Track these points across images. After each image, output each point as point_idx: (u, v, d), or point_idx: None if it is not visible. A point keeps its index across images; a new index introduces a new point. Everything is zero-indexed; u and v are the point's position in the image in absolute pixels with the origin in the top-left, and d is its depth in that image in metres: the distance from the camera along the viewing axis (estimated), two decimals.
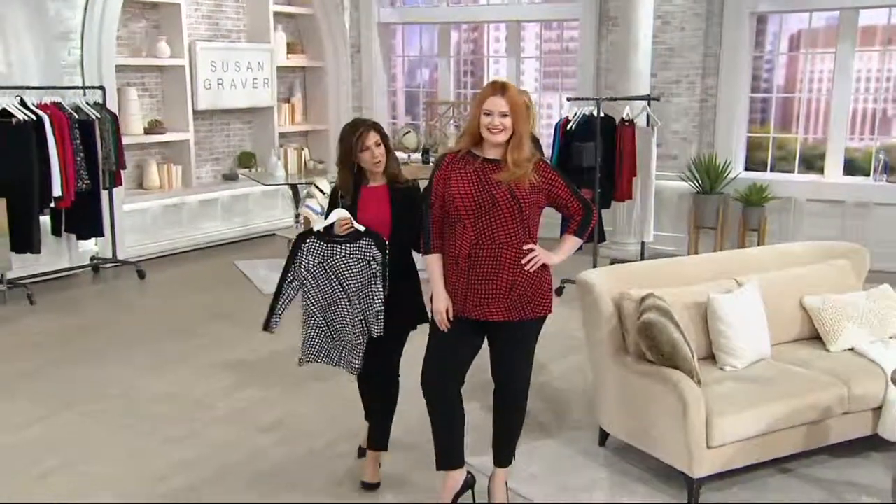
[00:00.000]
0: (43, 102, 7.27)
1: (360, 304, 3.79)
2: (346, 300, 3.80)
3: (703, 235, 8.83)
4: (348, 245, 3.77)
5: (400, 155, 9.74)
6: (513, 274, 3.47)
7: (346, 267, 3.78)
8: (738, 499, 3.93)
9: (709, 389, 3.86)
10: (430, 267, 3.65)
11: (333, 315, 3.86)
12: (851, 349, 4.41)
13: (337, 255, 3.80)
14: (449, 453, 3.75)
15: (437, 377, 3.65)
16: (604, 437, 4.45)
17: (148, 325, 6.71)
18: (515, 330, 3.57)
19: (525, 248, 3.48)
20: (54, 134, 7.14)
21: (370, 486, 4.01)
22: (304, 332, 3.96)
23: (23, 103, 7.12)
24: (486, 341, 3.68)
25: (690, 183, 8.87)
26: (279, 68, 10.13)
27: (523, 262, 3.47)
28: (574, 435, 4.61)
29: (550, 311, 3.64)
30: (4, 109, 7.04)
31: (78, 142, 7.37)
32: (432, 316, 3.65)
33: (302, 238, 3.89)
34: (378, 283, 3.75)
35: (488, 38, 10.93)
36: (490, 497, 3.81)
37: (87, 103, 7.61)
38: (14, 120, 7.01)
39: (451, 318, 3.56)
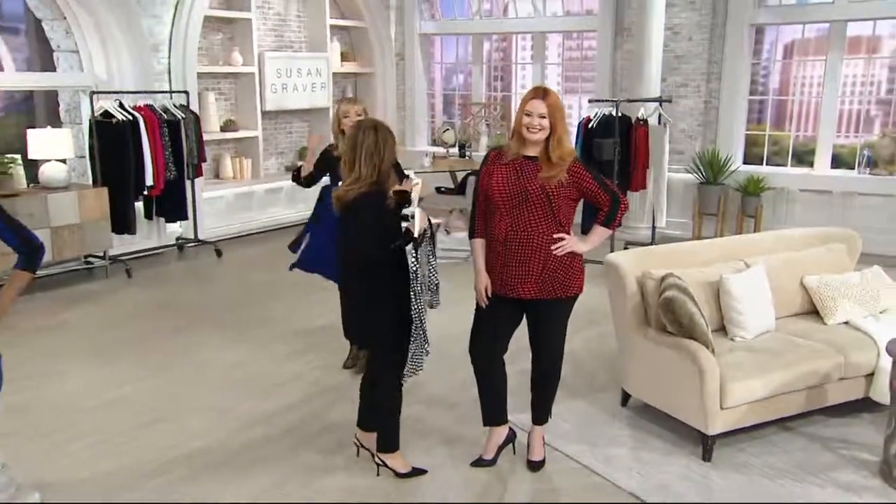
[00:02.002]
0: (138, 105, 7.39)
1: (427, 287, 3.64)
2: (421, 290, 3.57)
3: (705, 221, 8.81)
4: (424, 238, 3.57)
5: (439, 149, 9.87)
6: (544, 258, 3.48)
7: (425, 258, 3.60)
8: (746, 453, 3.96)
9: (722, 358, 3.89)
10: (473, 250, 3.68)
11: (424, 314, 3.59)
12: (846, 323, 4.42)
13: (426, 249, 3.60)
14: (493, 411, 3.82)
15: (482, 346, 3.71)
16: (626, 398, 4.50)
17: (224, 296, 6.82)
18: (549, 307, 3.59)
19: (556, 236, 3.48)
20: (147, 132, 7.26)
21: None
22: (414, 344, 3.56)
23: (121, 106, 7.23)
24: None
25: (695, 175, 8.84)
26: (334, 74, 10.17)
27: (553, 248, 3.48)
28: (599, 397, 4.65)
29: (581, 291, 3.65)
30: (106, 111, 7.17)
31: (166, 139, 7.49)
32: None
33: (415, 247, 3.47)
34: (434, 260, 3.67)
35: (516, 47, 10.89)
36: (529, 450, 3.87)
37: (174, 105, 7.72)
38: (114, 120, 7.14)
39: (490, 296, 3.59)
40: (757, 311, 4.24)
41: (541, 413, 3.85)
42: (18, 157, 6.98)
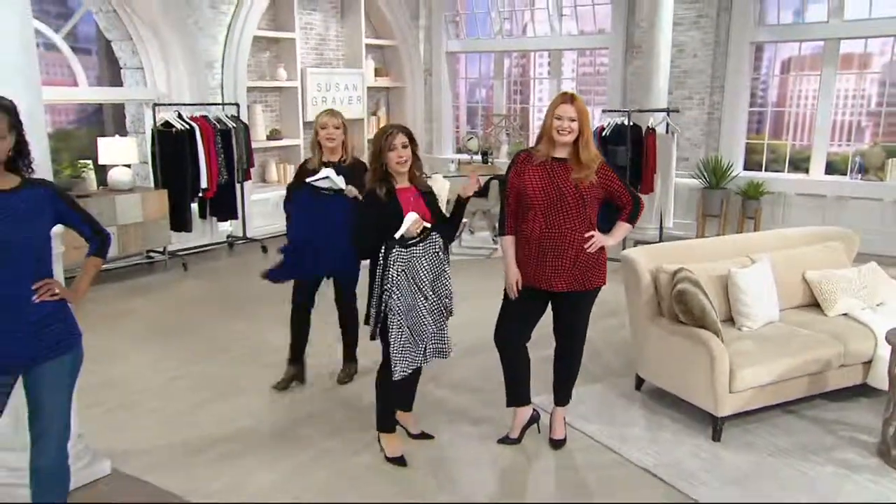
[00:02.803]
0: (194, 116, 7.42)
1: (433, 294, 3.40)
2: (422, 299, 3.35)
3: (708, 222, 8.70)
4: (420, 244, 3.35)
5: (464, 156, 9.85)
6: (575, 253, 3.44)
7: (420, 266, 3.35)
8: (753, 434, 3.91)
9: (730, 346, 3.84)
10: (504, 246, 3.62)
11: (413, 319, 3.36)
12: (845, 314, 4.35)
13: (415, 256, 3.33)
14: (518, 394, 3.79)
15: (508, 334, 3.67)
16: (640, 382, 4.45)
17: (270, 288, 6.76)
18: (577, 298, 3.56)
19: (587, 234, 3.44)
20: (202, 140, 7.29)
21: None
22: (393, 348, 3.33)
23: (180, 116, 7.28)
24: (549, 306, 3.66)
25: (699, 180, 8.73)
26: (369, 88, 10.18)
27: (586, 246, 3.44)
28: (615, 381, 4.61)
29: (605, 283, 3.61)
30: (167, 121, 7.22)
31: (219, 146, 7.51)
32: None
33: (388, 248, 3.29)
34: (447, 269, 3.47)
35: (534, 63, 10.84)
36: (551, 429, 3.85)
37: (226, 116, 7.75)
38: (174, 129, 7.18)
39: (520, 288, 3.55)
40: (762, 303, 4.18)
41: (562, 395, 3.82)
42: (90, 162, 7.05)
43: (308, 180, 4.11)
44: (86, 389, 2.90)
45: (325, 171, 4.05)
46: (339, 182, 4.04)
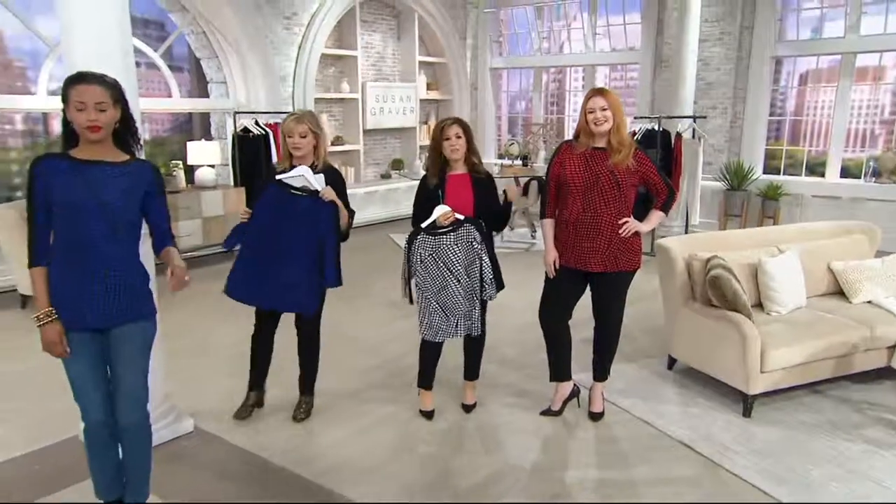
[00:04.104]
0: (269, 123, 7.42)
1: (468, 279, 3.34)
2: (454, 281, 3.33)
3: (730, 221, 8.36)
4: (452, 234, 3.30)
5: (506, 161, 9.67)
6: (610, 236, 3.27)
7: (452, 253, 3.31)
8: (782, 412, 3.68)
9: (761, 328, 3.62)
10: (544, 230, 3.46)
11: (445, 296, 3.36)
12: (869, 302, 4.08)
13: (444, 244, 3.30)
14: (559, 369, 3.64)
15: (551, 312, 3.52)
16: (672, 362, 4.25)
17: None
18: (612, 279, 3.37)
19: (621, 221, 3.27)
20: (275, 144, 7.27)
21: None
22: (421, 315, 3.43)
23: (256, 123, 7.28)
24: (587, 288, 3.49)
25: (722, 182, 8.40)
26: (421, 100, 10.08)
27: (620, 231, 3.27)
28: (648, 361, 4.41)
29: (639, 267, 3.42)
30: (246, 128, 7.24)
31: None
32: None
33: (413, 235, 3.34)
34: (485, 257, 3.34)
35: (570, 78, 10.59)
36: (590, 403, 3.69)
37: None
38: (251, 135, 7.20)
39: (558, 268, 3.40)
40: (790, 290, 3.94)
41: (601, 371, 3.65)
42: (180, 163, 7.10)
43: (280, 177, 3.21)
44: (174, 356, 2.86)
45: (300, 169, 3.20)
46: (316, 182, 3.18)
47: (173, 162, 7.07)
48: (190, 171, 7.23)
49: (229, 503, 2.88)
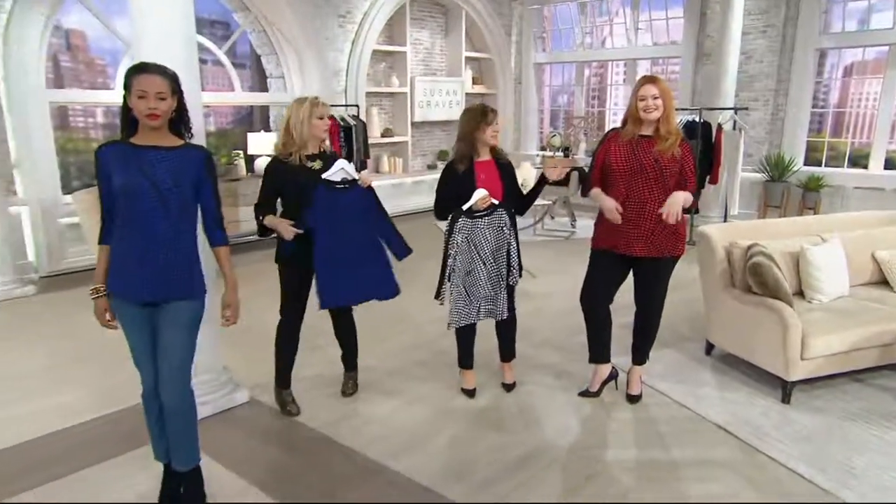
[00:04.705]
0: None
1: (494, 263, 3.28)
2: (480, 264, 3.26)
3: (769, 212, 7.99)
4: (486, 218, 3.23)
5: (547, 152, 9.48)
6: (653, 222, 3.12)
7: (482, 237, 3.24)
8: (821, 399, 3.47)
9: (802, 316, 3.43)
10: (593, 194, 3.22)
11: (470, 280, 3.29)
12: None
13: (478, 228, 3.23)
14: (599, 352, 3.52)
15: (592, 296, 3.39)
16: (709, 348, 4.07)
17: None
18: (655, 265, 3.23)
19: (660, 211, 3.05)
20: (329, 134, 7.26)
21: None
22: (452, 302, 3.33)
23: None
24: (630, 273, 3.35)
25: (762, 174, 8.03)
26: (467, 94, 9.92)
27: (664, 217, 3.06)
28: (686, 346, 4.24)
29: (683, 253, 3.26)
30: None
31: (342, 140, 7.46)
32: (592, 249, 3.36)
33: (454, 218, 3.23)
34: (513, 242, 3.28)
35: (611, 72, 10.30)
36: (628, 385, 3.56)
37: (348, 116, 7.70)
38: None
39: (605, 247, 3.25)
40: (833, 279, 3.72)
41: (640, 355, 3.52)
42: (241, 152, 7.19)
43: (325, 175, 3.06)
44: (233, 332, 2.85)
45: (340, 163, 3.08)
46: (353, 171, 3.13)
47: (234, 151, 7.16)
48: (250, 160, 7.30)
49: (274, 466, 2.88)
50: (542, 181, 3.33)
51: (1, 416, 3.35)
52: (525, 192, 3.48)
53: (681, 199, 3.06)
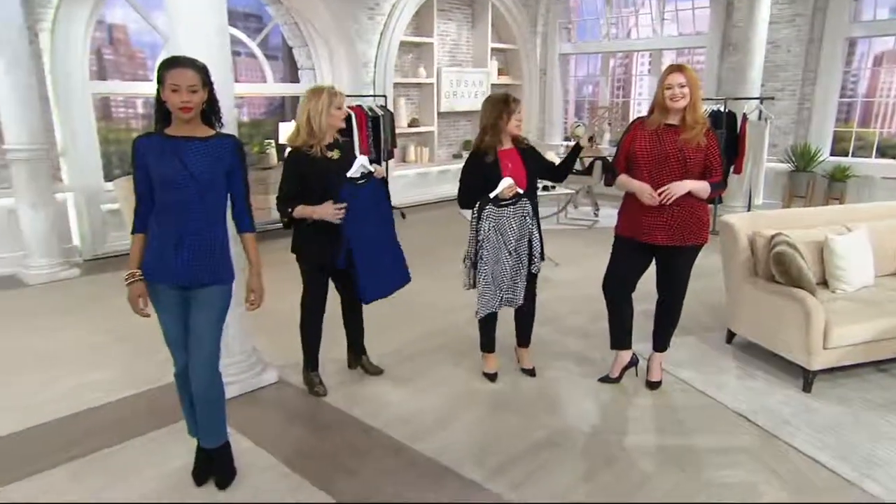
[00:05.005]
0: (352, 105, 7.38)
1: (517, 253, 3.24)
2: (506, 253, 3.22)
3: (794, 202, 7.77)
4: (511, 206, 3.19)
5: (572, 142, 9.34)
6: (675, 210, 3.04)
7: (508, 225, 3.20)
8: (844, 388, 3.37)
9: (825, 306, 3.31)
10: (621, 180, 3.14)
11: (498, 269, 3.24)
12: None
13: (504, 216, 3.18)
14: (620, 338, 3.46)
15: (614, 284, 3.33)
16: (731, 336, 3.98)
17: (411, 246, 6.68)
18: (678, 253, 3.15)
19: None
20: (357, 124, 7.26)
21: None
22: (480, 291, 3.26)
23: None
24: (653, 261, 3.28)
25: (787, 164, 7.79)
26: (492, 85, 9.80)
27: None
28: (707, 335, 4.15)
29: (706, 242, 3.18)
30: None
31: (370, 130, 7.44)
32: (615, 237, 3.29)
33: (482, 206, 3.16)
34: (536, 231, 3.26)
35: (636, 63, 10.11)
36: (648, 372, 3.50)
37: (376, 106, 7.68)
38: None
39: (628, 235, 3.18)
40: (858, 268, 3.60)
41: (661, 342, 3.45)
42: (272, 141, 7.23)
43: (349, 174, 3.02)
44: (262, 315, 2.88)
45: (360, 160, 3.05)
46: (368, 164, 3.11)
47: (266, 140, 7.20)
48: (281, 149, 7.34)
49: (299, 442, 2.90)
50: (576, 148, 3.31)
51: (49, 391, 3.45)
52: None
53: (688, 186, 2.98)
